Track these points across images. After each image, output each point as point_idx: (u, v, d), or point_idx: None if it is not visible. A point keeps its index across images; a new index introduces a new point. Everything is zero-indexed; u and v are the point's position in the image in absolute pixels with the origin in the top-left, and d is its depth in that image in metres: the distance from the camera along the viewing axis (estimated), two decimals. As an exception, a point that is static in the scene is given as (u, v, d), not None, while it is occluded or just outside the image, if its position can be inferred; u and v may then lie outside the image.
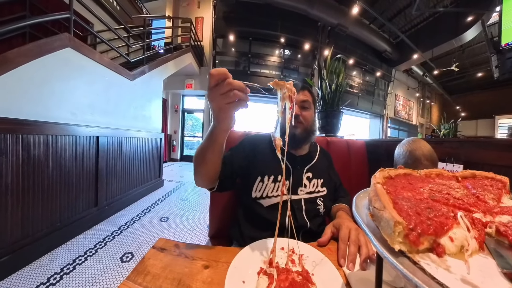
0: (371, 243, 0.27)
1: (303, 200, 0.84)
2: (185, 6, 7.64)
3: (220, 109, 0.53)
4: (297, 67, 8.14)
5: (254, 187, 0.84)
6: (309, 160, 0.93)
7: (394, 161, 1.19)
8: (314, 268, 0.49)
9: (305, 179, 0.88)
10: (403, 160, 1.09)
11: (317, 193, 0.88)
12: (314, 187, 0.88)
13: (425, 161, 1.03)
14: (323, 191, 0.90)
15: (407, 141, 1.14)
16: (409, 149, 1.08)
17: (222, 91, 0.48)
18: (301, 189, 0.86)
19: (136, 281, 0.44)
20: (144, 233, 2.39)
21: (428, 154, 1.04)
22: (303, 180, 0.87)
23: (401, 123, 11.25)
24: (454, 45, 7.28)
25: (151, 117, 4.07)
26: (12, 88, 1.72)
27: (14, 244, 1.66)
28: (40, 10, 3.20)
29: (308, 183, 0.88)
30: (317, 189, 0.89)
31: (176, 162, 8.05)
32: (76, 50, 2.30)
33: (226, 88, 0.48)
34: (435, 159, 1.05)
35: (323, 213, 0.88)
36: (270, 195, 0.82)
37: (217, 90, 0.49)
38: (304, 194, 0.86)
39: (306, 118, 0.87)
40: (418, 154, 1.04)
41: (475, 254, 0.25)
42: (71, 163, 2.17)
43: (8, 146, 1.62)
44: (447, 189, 0.36)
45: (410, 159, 1.06)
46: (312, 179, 0.89)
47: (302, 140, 0.88)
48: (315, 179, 0.90)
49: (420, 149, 1.06)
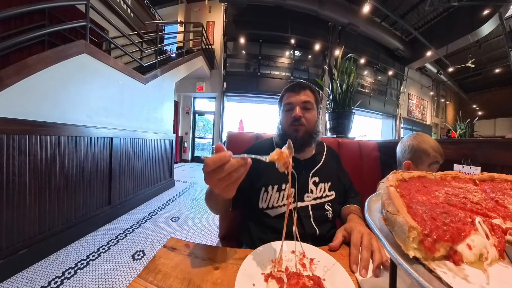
0: (385, 248, 0.26)
1: (310, 206, 0.82)
2: (197, 11, 7.80)
3: (221, 191, 0.48)
4: (307, 68, 8.11)
5: (260, 198, 0.82)
6: (314, 163, 0.89)
7: (397, 159, 1.16)
8: (325, 273, 0.48)
9: (311, 184, 0.84)
10: (409, 155, 1.06)
11: (324, 198, 0.85)
12: (321, 191, 0.85)
13: (434, 152, 1.00)
14: (331, 195, 0.86)
15: (410, 136, 1.11)
16: (414, 143, 1.05)
17: (220, 176, 0.44)
18: (308, 195, 0.83)
19: (147, 279, 0.45)
20: (155, 232, 2.44)
21: (435, 146, 1.02)
22: (309, 185, 0.84)
23: (414, 123, 10.91)
24: (469, 40, 6.98)
25: (163, 119, 4.15)
26: (32, 92, 1.81)
27: (31, 238, 1.74)
28: (58, 19, 3.35)
29: (315, 188, 0.84)
30: (324, 194, 0.85)
31: (187, 163, 8.17)
32: (92, 55, 2.39)
33: (224, 174, 0.44)
34: (441, 151, 1.02)
35: (332, 217, 0.85)
36: (276, 205, 0.80)
37: (214, 176, 0.44)
38: (311, 200, 0.82)
39: (309, 120, 0.83)
40: (425, 147, 1.02)
41: (494, 263, 0.24)
42: (86, 163, 2.25)
43: (27, 146, 1.70)
44: (464, 193, 0.34)
45: (417, 153, 1.04)
46: (319, 183, 0.85)
47: (305, 144, 0.84)
48: (322, 183, 0.86)
49: (426, 142, 1.03)
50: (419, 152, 1.03)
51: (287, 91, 0.89)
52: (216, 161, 0.42)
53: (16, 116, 1.66)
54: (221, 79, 7.44)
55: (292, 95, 0.86)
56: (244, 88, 7.59)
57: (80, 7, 3.24)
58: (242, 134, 1.20)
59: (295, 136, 0.81)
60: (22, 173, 1.67)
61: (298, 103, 0.83)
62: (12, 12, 2.05)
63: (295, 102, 0.84)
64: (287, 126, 0.85)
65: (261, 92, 7.54)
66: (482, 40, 7.38)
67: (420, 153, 1.02)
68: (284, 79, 7.62)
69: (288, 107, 0.86)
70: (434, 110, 12.04)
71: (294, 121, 0.82)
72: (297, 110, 0.81)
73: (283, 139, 0.84)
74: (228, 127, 7.91)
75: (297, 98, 0.85)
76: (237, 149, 0.80)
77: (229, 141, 1.17)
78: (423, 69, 10.48)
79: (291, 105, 0.85)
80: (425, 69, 10.55)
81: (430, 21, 7.92)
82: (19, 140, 1.64)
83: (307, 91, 0.86)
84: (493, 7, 5.82)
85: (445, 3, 6.18)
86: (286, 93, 0.89)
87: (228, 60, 7.64)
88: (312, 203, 0.82)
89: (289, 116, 0.84)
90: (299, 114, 0.81)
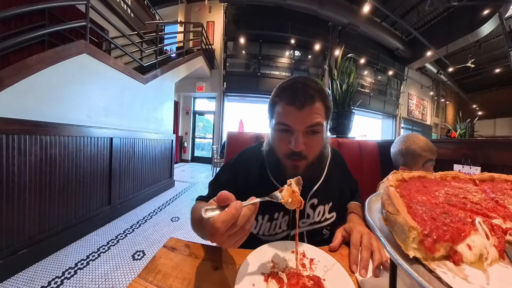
0: (385, 248, 0.26)
1: (306, 232, 0.72)
2: (197, 11, 7.82)
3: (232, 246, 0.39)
4: (307, 68, 8.11)
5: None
6: (313, 182, 0.71)
7: (393, 163, 1.17)
8: (325, 273, 0.48)
9: (309, 207, 0.71)
10: (402, 159, 1.07)
11: (323, 222, 0.73)
12: (319, 215, 0.72)
13: (423, 152, 1.01)
14: (331, 217, 0.74)
15: (399, 140, 1.12)
16: (403, 147, 1.07)
17: (231, 232, 0.36)
18: (304, 220, 0.71)
19: (147, 279, 0.45)
20: (155, 232, 2.44)
21: (423, 145, 1.03)
22: (306, 209, 0.71)
23: (414, 123, 10.91)
24: (469, 40, 6.97)
25: (163, 119, 4.16)
26: (32, 92, 1.81)
27: (31, 238, 1.74)
28: (58, 19, 3.36)
29: (312, 212, 0.72)
30: (323, 218, 0.73)
31: (187, 163, 8.18)
32: (92, 55, 2.39)
33: (236, 229, 0.36)
34: (432, 147, 1.03)
35: (329, 236, 0.74)
36: (267, 233, 0.70)
37: (224, 234, 0.35)
38: (307, 226, 0.71)
39: (313, 148, 0.62)
40: (413, 148, 1.03)
41: (494, 263, 0.24)
42: (86, 163, 2.25)
43: (27, 146, 1.70)
44: (464, 193, 0.34)
45: (408, 156, 1.05)
46: (318, 206, 0.72)
47: (308, 177, 0.61)
48: (322, 206, 0.73)
49: (414, 143, 1.04)
50: (410, 155, 1.04)
51: (283, 99, 0.61)
52: (229, 221, 0.34)
53: (16, 116, 1.66)
54: (221, 79, 7.44)
55: (292, 110, 0.58)
56: (244, 88, 7.58)
57: (80, 7, 3.26)
58: (242, 134, 1.21)
59: (293, 172, 0.61)
60: (22, 173, 1.67)
61: (300, 128, 0.58)
62: (12, 12, 2.05)
63: (296, 126, 0.58)
64: (282, 155, 0.63)
65: (261, 92, 7.53)
66: (482, 40, 7.37)
67: (411, 155, 1.04)
68: (284, 79, 7.60)
69: (283, 128, 0.60)
70: (434, 110, 12.03)
71: (293, 154, 0.60)
72: (299, 143, 0.57)
73: (277, 168, 0.66)
74: (228, 127, 7.91)
75: (300, 119, 0.58)
76: (237, 149, 0.80)
77: (229, 141, 1.18)
78: (423, 69, 10.47)
79: (289, 128, 0.59)
80: (425, 69, 10.54)
81: (430, 21, 7.91)
82: (19, 140, 1.64)
83: (315, 104, 0.58)
84: (493, 7, 5.81)
85: (445, 3, 6.17)
86: (281, 101, 0.61)
87: (228, 60, 7.64)
88: (308, 229, 0.72)
89: (285, 143, 0.61)
90: (300, 148, 0.58)
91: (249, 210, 0.37)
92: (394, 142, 1.15)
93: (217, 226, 0.33)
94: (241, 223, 0.35)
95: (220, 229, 0.33)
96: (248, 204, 0.37)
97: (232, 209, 0.34)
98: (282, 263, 0.50)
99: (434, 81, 11.56)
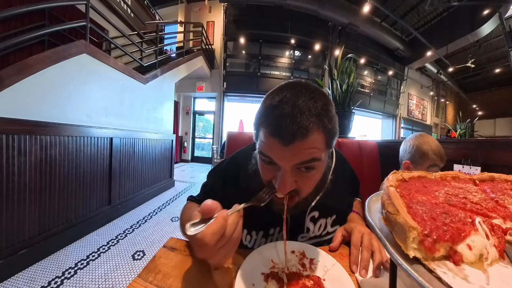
0: (385, 249, 0.26)
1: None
2: (197, 11, 7.83)
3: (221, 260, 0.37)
4: (307, 68, 8.12)
5: (243, 237, 0.64)
6: (314, 194, 0.58)
7: (400, 158, 1.16)
8: (325, 273, 0.48)
9: (309, 220, 0.64)
10: (409, 155, 1.07)
11: (324, 236, 0.66)
12: (320, 229, 0.65)
13: (433, 155, 1.00)
14: (334, 231, 0.66)
15: (414, 136, 1.11)
16: (416, 143, 1.06)
17: (220, 245, 0.33)
18: (303, 235, 0.64)
19: (147, 279, 0.45)
20: (155, 232, 2.44)
21: (436, 149, 1.02)
22: (306, 223, 0.64)
23: (414, 123, 10.91)
24: (469, 41, 6.98)
25: (163, 119, 4.16)
26: (32, 92, 1.81)
27: (31, 238, 1.74)
28: (58, 19, 3.35)
29: (313, 225, 0.65)
30: (325, 232, 0.66)
31: (187, 163, 8.18)
32: (92, 55, 2.39)
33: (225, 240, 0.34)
34: (443, 154, 1.02)
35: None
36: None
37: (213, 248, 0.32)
38: (306, 240, 0.64)
39: (307, 185, 0.49)
40: (425, 148, 1.02)
41: (495, 263, 0.24)
42: (86, 163, 2.25)
43: (27, 146, 1.70)
44: (464, 193, 0.34)
45: (417, 153, 1.04)
46: (319, 219, 0.65)
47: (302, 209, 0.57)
48: (323, 219, 0.66)
49: (427, 144, 1.03)
50: (419, 153, 1.03)
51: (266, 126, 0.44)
52: (218, 233, 0.32)
53: (16, 116, 1.66)
54: (221, 79, 7.44)
55: (276, 144, 0.42)
56: (244, 88, 7.58)
57: (80, 7, 3.26)
58: (242, 134, 1.21)
59: (280, 208, 0.51)
60: (22, 173, 1.67)
61: (287, 166, 0.44)
62: (12, 12, 2.05)
63: (281, 163, 0.44)
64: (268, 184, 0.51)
65: (261, 92, 7.53)
66: (482, 40, 7.37)
67: (420, 154, 1.03)
68: (284, 79, 7.61)
69: (267, 160, 0.46)
70: (434, 110, 12.04)
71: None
72: (284, 184, 0.44)
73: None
74: (228, 127, 7.91)
75: (287, 157, 0.43)
76: (237, 149, 0.79)
77: (229, 141, 1.17)
78: (423, 69, 10.48)
79: (274, 162, 0.45)
80: (425, 69, 10.54)
81: (430, 21, 7.92)
82: (19, 140, 1.64)
83: (310, 136, 0.41)
84: (493, 7, 5.81)
85: (445, 3, 6.17)
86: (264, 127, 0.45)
87: (228, 60, 7.64)
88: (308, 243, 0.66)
89: (270, 175, 0.49)
90: (286, 191, 0.46)
91: (236, 217, 0.36)
92: (407, 138, 1.14)
93: (205, 241, 0.31)
94: (229, 232, 0.34)
95: (210, 243, 0.31)
96: (234, 212, 0.37)
97: (220, 219, 0.33)
98: (282, 263, 0.50)
99: (434, 81, 11.57)
